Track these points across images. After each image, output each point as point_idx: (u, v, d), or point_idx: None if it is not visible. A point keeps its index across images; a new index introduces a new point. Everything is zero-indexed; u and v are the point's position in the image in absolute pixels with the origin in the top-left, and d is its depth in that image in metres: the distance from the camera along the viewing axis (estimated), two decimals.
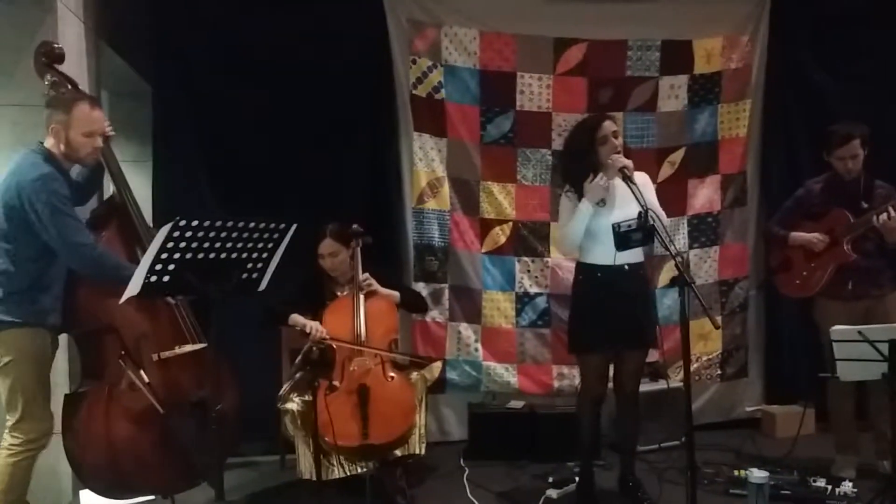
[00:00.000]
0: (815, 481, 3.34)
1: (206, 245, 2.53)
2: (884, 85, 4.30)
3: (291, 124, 4.02)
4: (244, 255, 2.68)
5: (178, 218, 2.43)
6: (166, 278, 2.51)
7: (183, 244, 2.48)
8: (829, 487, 3.29)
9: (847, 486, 3.28)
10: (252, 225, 2.63)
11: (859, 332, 2.92)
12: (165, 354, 2.94)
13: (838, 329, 2.99)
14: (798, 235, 3.63)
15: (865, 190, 3.49)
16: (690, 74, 4.36)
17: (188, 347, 3.02)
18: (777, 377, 4.52)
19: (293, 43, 3.98)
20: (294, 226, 2.74)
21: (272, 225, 2.70)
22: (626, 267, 3.18)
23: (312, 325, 3.35)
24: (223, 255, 2.60)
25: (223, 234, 2.56)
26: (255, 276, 2.77)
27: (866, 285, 3.48)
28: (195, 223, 2.47)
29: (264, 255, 2.74)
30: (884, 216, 3.30)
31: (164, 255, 2.46)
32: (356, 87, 4.11)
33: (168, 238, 2.44)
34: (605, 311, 3.17)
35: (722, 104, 4.41)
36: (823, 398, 3.73)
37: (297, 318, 3.40)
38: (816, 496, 3.27)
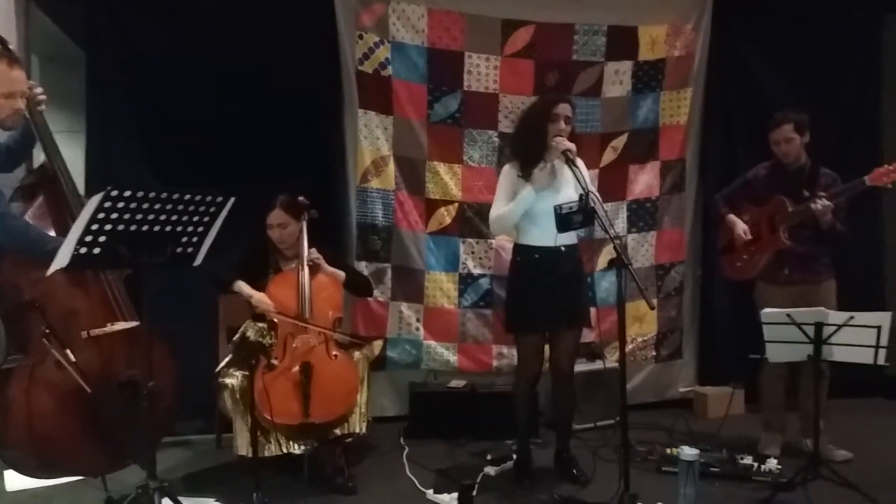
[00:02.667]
0: (742, 459, 3.47)
1: (139, 216, 2.43)
2: (821, 77, 4.44)
3: (233, 93, 3.90)
4: (179, 228, 2.58)
5: (109, 188, 2.34)
6: (97, 250, 2.41)
7: (115, 215, 2.38)
8: (756, 465, 3.42)
9: (772, 464, 3.42)
10: (188, 197, 2.54)
11: (787, 315, 3.04)
12: (95, 332, 2.84)
13: (768, 312, 3.10)
14: (731, 220, 3.76)
15: (810, 178, 3.55)
16: (635, 61, 4.42)
17: (120, 325, 2.91)
18: (710, 359, 4.66)
19: (237, 9, 3.87)
20: (232, 199, 2.66)
21: (209, 197, 2.60)
22: (563, 249, 3.24)
23: (258, 297, 3.30)
24: (157, 228, 2.50)
25: (157, 206, 2.46)
26: (190, 249, 2.68)
27: (802, 272, 3.58)
28: (127, 193, 2.37)
29: (200, 228, 2.65)
30: (819, 203, 3.37)
31: (94, 227, 2.36)
32: (301, 61, 4.01)
33: (99, 208, 2.33)
34: (542, 292, 3.22)
35: (664, 91, 4.48)
36: (754, 379, 3.86)
37: (242, 287, 3.35)
38: (743, 473, 3.39)
